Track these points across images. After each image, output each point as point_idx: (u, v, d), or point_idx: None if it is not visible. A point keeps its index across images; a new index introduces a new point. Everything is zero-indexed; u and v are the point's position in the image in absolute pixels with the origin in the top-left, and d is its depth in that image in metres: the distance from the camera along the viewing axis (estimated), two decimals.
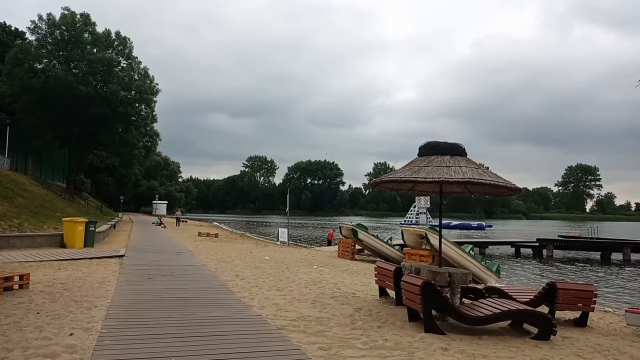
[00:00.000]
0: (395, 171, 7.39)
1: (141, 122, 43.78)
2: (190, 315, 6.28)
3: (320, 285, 10.13)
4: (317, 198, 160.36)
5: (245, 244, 23.26)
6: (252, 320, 6.30)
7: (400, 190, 8.74)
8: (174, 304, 6.96)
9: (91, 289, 8.03)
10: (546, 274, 19.73)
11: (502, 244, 29.28)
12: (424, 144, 7.68)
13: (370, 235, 17.52)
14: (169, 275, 10.01)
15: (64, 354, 4.45)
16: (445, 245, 13.10)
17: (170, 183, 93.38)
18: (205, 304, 7.14)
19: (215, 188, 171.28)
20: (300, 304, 7.87)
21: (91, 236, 16.51)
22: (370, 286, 10.62)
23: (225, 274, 10.98)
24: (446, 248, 13.09)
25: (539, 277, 18.56)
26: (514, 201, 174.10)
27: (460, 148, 7.48)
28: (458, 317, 6.35)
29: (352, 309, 7.68)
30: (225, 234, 33.27)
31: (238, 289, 9.06)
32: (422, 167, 7.10)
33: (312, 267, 13.79)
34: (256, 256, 16.11)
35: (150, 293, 7.73)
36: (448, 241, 13.32)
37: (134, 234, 24.75)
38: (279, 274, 11.56)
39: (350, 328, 6.31)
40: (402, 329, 6.41)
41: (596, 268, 22.55)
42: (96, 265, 11.40)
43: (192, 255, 14.65)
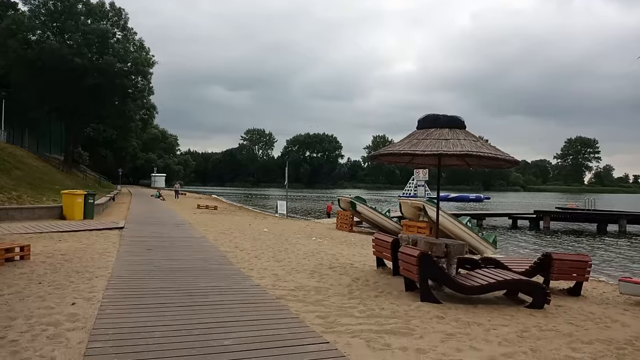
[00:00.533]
0: (394, 144, 7.38)
1: (137, 95, 43.38)
2: (190, 285, 6.37)
3: (318, 257, 10.24)
4: (316, 171, 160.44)
5: (244, 217, 23.39)
6: (251, 290, 6.40)
7: (398, 163, 8.74)
8: (174, 274, 7.05)
9: (92, 259, 8.11)
10: (542, 245, 19.96)
11: (499, 215, 29.49)
12: (423, 117, 7.64)
13: (368, 207, 17.61)
14: (169, 246, 10.11)
15: (66, 322, 4.53)
16: (443, 217, 13.19)
17: (168, 156, 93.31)
18: (204, 274, 7.23)
19: (214, 161, 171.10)
20: (299, 275, 7.97)
21: (90, 208, 16.57)
22: (368, 257, 10.75)
23: (224, 246, 11.08)
24: (443, 220, 13.19)
25: (536, 248, 18.78)
26: (512, 174, 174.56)
27: (459, 121, 7.46)
28: (454, 287, 6.45)
29: (350, 279, 7.79)
30: (224, 207, 33.42)
31: (237, 259, 9.16)
32: (420, 140, 7.09)
33: (311, 238, 13.92)
34: (255, 228, 16.22)
35: (151, 264, 7.82)
36: (445, 213, 13.40)
37: (133, 207, 24.85)
38: (278, 246, 11.67)
39: (348, 297, 6.41)
40: (399, 299, 6.52)
41: (592, 239, 22.81)
42: (96, 237, 11.48)
43: (191, 228, 14.75)
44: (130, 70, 41.47)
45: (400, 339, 4.68)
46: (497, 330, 5.24)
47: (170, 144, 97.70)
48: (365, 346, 4.37)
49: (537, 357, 4.35)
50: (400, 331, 4.92)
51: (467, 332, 5.05)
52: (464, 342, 4.70)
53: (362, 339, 4.58)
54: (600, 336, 5.16)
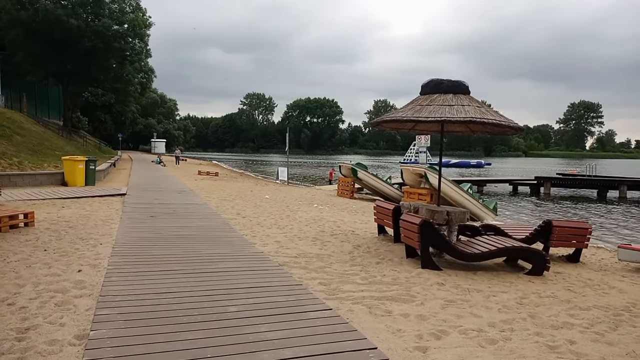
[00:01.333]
0: (396, 110, 7.30)
1: (135, 57, 42.66)
2: (193, 252, 6.44)
3: (320, 224, 10.32)
4: (317, 136, 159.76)
5: (246, 183, 23.46)
6: (255, 257, 6.48)
7: (401, 129, 8.68)
8: (178, 241, 7.12)
9: (95, 226, 8.18)
10: (543, 212, 20.09)
11: (500, 181, 29.54)
12: (426, 82, 7.53)
13: (369, 174, 17.61)
14: (171, 213, 10.17)
15: (73, 289, 4.61)
16: (444, 184, 13.21)
17: (167, 121, 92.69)
18: (207, 241, 7.31)
19: (214, 126, 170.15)
20: (301, 242, 8.06)
21: (92, 174, 16.59)
22: (369, 224, 10.84)
23: (226, 212, 11.15)
24: (444, 187, 13.21)
25: (536, 215, 18.91)
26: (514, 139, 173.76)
27: (463, 86, 7.35)
28: (454, 254, 6.52)
29: (352, 246, 7.88)
30: (225, 173, 33.47)
31: (240, 226, 9.24)
32: (423, 106, 7.01)
33: (312, 205, 13.99)
34: (257, 195, 16.29)
35: (154, 231, 7.89)
36: (447, 180, 13.42)
37: (134, 173, 24.89)
38: (280, 213, 11.75)
39: (349, 264, 6.50)
40: (400, 265, 6.61)
41: (592, 205, 22.93)
42: (99, 204, 11.54)
43: (193, 194, 14.81)
44: (127, 32, 40.66)
45: (402, 305, 4.77)
46: (496, 297, 5.33)
47: (170, 109, 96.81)
48: (367, 312, 4.46)
49: (535, 323, 4.44)
50: (402, 298, 5.01)
51: (467, 299, 5.14)
52: (464, 308, 4.79)
53: (364, 305, 4.67)
54: (598, 303, 5.25)
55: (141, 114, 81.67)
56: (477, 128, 8.12)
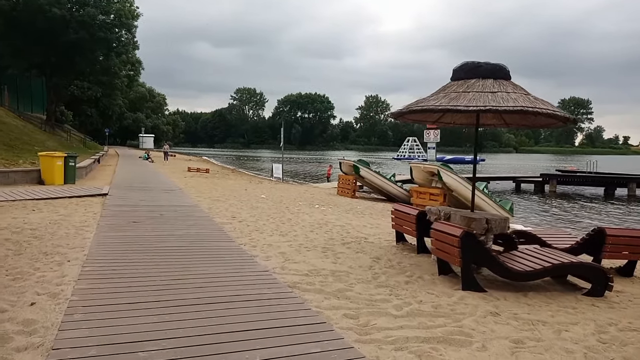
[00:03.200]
0: (426, 99, 6.13)
1: (122, 49, 40.99)
2: (184, 271, 5.23)
3: (326, 229, 9.15)
4: (308, 132, 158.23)
5: (239, 180, 22.20)
6: (258, 276, 5.29)
7: (424, 121, 7.52)
8: (164, 256, 5.89)
9: (66, 236, 6.91)
10: (555, 211, 19.10)
11: (504, 179, 28.55)
12: (459, 66, 6.37)
13: (372, 171, 16.46)
14: (158, 218, 8.92)
15: (18, 335, 3.37)
16: (459, 183, 12.12)
17: (156, 116, 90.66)
18: (201, 255, 6.09)
19: (203, 121, 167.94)
20: (310, 253, 6.88)
21: (72, 172, 15.24)
22: (381, 229, 9.70)
23: (220, 216, 9.93)
24: (459, 186, 12.12)
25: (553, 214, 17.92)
26: (505, 134, 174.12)
27: (504, 70, 6.22)
28: (502, 273, 5.39)
29: (369, 258, 6.72)
30: (216, 170, 32.14)
31: (237, 233, 8.04)
32: (460, 94, 5.85)
33: (314, 206, 12.81)
34: (252, 194, 15.07)
35: (136, 242, 6.65)
36: (461, 178, 12.32)
37: (119, 169, 23.49)
38: (280, 215, 10.55)
39: (374, 285, 5.34)
40: (434, 285, 5.47)
41: (603, 204, 21.98)
42: (75, 206, 10.25)
43: (182, 194, 13.55)
44: (114, 22, 38.97)
45: (459, 351, 3.61)
46: (568, 331, 4.20)
47: (158, 103, 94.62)
48: None
49: None
50: (455, 338, 3.85)
51: (537, 337, 4.00)
52: (540, 354, 3.65)
53: (412, 353, 3.51)
54: None
55: (129, 108, 79.56)
56: (515, 120, 6.99)
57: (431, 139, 14.51)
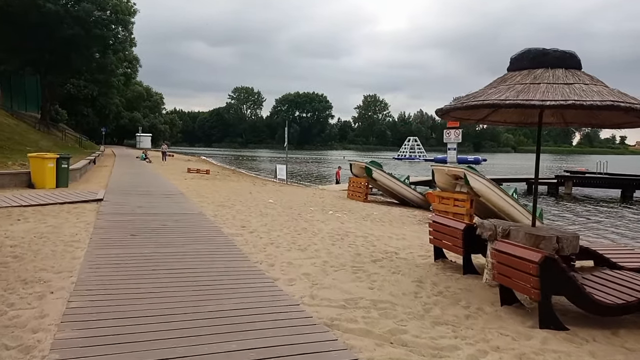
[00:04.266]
0: (484, 92, 5.11)
1: (119, 46, 39.86)
2: (192, 309, 4.19)
3: (348, 241, 8.13)
4: (306, 131, 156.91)
5: (241, 182, 21.15)
6: (285, 310, 4.27)
7: (469, 119, 6.51)
8: (170, 284, 4.86)
9: (52, 255, 5.86)
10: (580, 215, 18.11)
11: (518, 180, 27.53)
12: (520, 54, 5.37)
13: (385, 174, 15.44)
14: (159, 229, 7.88)
15: None
16: (486, 187, 11.12)
17: (153, 115, 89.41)
18: (213, 283, 5.06)
19: (201, 120, 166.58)
20: (338, 274, 5.86)
21: (64, 174, 14.17)
22: (408, 240, 8.69)
23: (228, 225, 8.90)
24: (487, 190, 11.12)
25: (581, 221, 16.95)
26: (503, 134, 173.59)
27: (576, 58, 5.23)
28: (588, 305, 4.38)
29: (410, 281, 5.70)
30: (216, 170, 31.08)
31: (249, 248, 7.02)
32: (528, 86, 4.84)
33: (327, 213, 11.79)
34: (257, 198, 14.03)
35: (135, 264, 5.61)
36: (491, 183, 11.32)
37: (116, 171, 22.40)
38: (293, 224, 9.53)
39: (430, 321, 4.32)
40: (501, 320, 4.47)
41: (628, 208, 21.00)
42: (67, 214, 9.20)
43: (184, 198, 12.49)
44: (110, 18, 37.83)
45: None
46: None
47: (156, 103, 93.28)
48: None
49: None
50: None
51: None
52: None
53: None
54: None
55: (126, 107, 78.31)
56: (578, 117, 5.99)
57: (452, 139, 13.50)
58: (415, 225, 10.94)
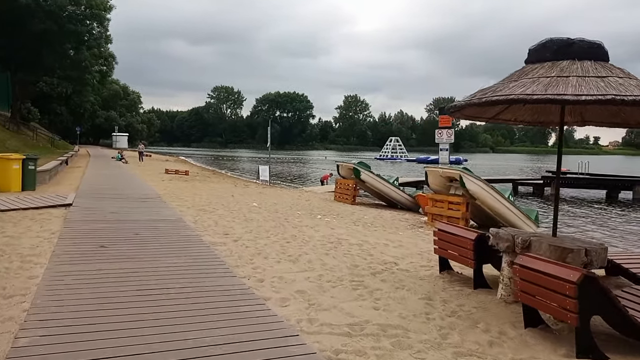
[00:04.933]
0: (505, 86, 4.52)
1: (94, 42, 38.45)
2: (172, 342, 3.48)
3: (343, 250, 7.48)
4: (287, 131, 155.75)
5: (222, 184, 20.30)
6: (280, 341, 3.60)
7: (478, 117, 5.92)
8: (142, 310, 4.13)
9: (5, 274, 5.06)
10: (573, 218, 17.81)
11: (503, 181, 27.30)
12: (542, 43, 4.80)
13: (374, 175, 14.85)
14: (133, 239, 7.09)
15: None
16: (483, 190, 10.62)
17: (130, 114, 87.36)
18: (193, 308, 4.35)
19: (179, 120, 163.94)
20: (337, 291, 5.21)
21: (31, 177, 13.18)
22: (406, 248, 8.09)
23: (209, 232, 8.17)
24: (483, 193, 10.62)
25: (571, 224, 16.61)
26: (482, 134, 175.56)
27: (603, 49, 4.69)
28: (631, 330, 3.81)
29: (418, 298, 5.08)
30: (195, 171, 30.09)
31: (234, 259, 6.31)
32: (555, 79, 4.26)
33: (316, 217, 11.12)
34: (240, 201, 13.27)
35: (102, 284, 4.85)
36: (487, 185, 10.82)
37: (89, 172, 21.31)
38: (281, 230, 8.83)
39: (451, 352, 3.70)
40: (527, 347, 3.88)
41: (615, 208, 20.85)
42: (30, 221, 8.32)
43: (161, 202, 11.67)
44: (85, 13, 36.44)
45: None
46: None
47: (133, 101, 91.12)
48: None
49: None
50: None
51: None
52: None
53: None
54: None
55: (102, 106, 76.14)
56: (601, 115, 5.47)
57: (444, 139, 12.97)
58: (409, 231, 10.36)
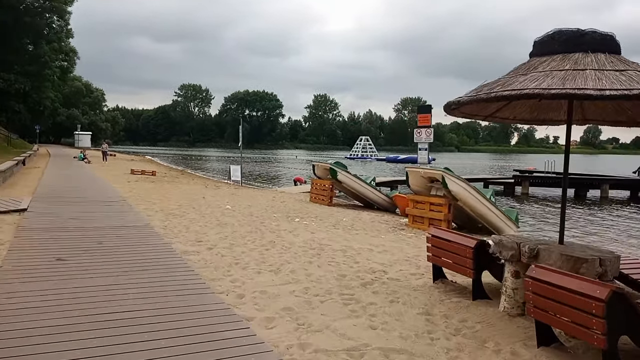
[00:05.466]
0: (513, 80, 4.11)
1: (54, 37, 36.72)
2: None
3: (326, 257, 6.97)
4: (256, 130, 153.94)
5: (192, 185, 19.47)
6: None
7: (475, 115, 5.52)
8: (104, 343, 3.51)
9: None
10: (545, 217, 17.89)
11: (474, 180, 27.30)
12: (550, 34, 4.43)
13: (351, 176, 14.40)
14: (95, 250, 6.39)
15: None
16: (465, 190, 10.32)
17: (94, 112, 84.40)
18: (165, 339, 3.76)
19: (145, 118, 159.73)
20: (327, 307, 4.70)
21: None
22: (392, 253, 7.66)
23: (181, 239, 7.52)
24: (466, 194, 10.32)
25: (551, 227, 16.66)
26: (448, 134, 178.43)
27: (616, 41, 4.35)
28: None
29: (416, 314, 4.63)
30: (163, 171, 28.99)
31: (210, 271, 5.72)
32: (570, 72, 3.89)
33: (294, 220, 10.56)
34: (212, 203, 12.59)
35: (55, 309, 4.17)
36: (470, 186, 10.52)
37: (49, 173, 20.08)
38: (258, 236, 8.26)
39: None
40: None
41: (593, 207, 21.13)
42: None
43: (127, 206, 10.87)
44: (44, 6, 34.75)
45: None
46: None
47: (96, 99, 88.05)
48: None
49: None
50: None
51: None
52: None
53: None
54: None
55: (63, 103, 73.15)
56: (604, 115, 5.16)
57: (423, 139, 12.65)
58: (391, 234, 9.95)
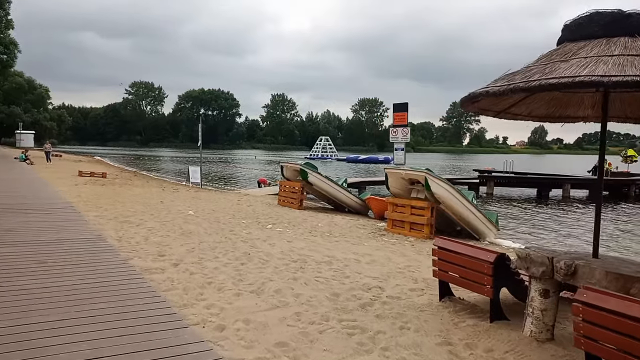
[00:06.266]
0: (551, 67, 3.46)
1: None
2: None
3: (311, 271, 6.17)
4: (212, 130, 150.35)
5: (147, 187, 18.08)
6: None
7: (487, 111, 4.86)
8: None
9: None
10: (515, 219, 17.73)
11: None
12: (587, 16, 3.82)
13: (323, 177, 13.63)
14: (34, 272, 5.29)
15: None
16: (448, 193, 9.78)
17: (37, 110, 79.35)
18: None
19: (94, 117, 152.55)
20: (328, 338, 3.92)
21: None
22: (381, 264, 6.95)
23: (140, 253, 6.50)
24: (449, 196, 9.77)
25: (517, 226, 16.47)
26: None
27: None
28: None
29: (435, 344, 3.92)
30: (114, 172, 27.17)
31: (179, 294, 4.80)
32: (625, 57, 3.28)
33: (266, 227, 9.67)
34: (172, 209, 11.47)
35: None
36: (452, 187, 9.98)
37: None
38: (230, 247, 7.33)
39: None
40: None
41: (554, 206, 21.30)
42: None
43: (75, 214, 9.63)
44: None
45: None
46: None
47: (40, 96, 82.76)
48: None
49: None
50: None
51: None
52: None
53: None
54: None
55: (3, 100, 68.36)
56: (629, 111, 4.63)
57: (399, 138, 12.07)
58: (372, 240, 9.25)
